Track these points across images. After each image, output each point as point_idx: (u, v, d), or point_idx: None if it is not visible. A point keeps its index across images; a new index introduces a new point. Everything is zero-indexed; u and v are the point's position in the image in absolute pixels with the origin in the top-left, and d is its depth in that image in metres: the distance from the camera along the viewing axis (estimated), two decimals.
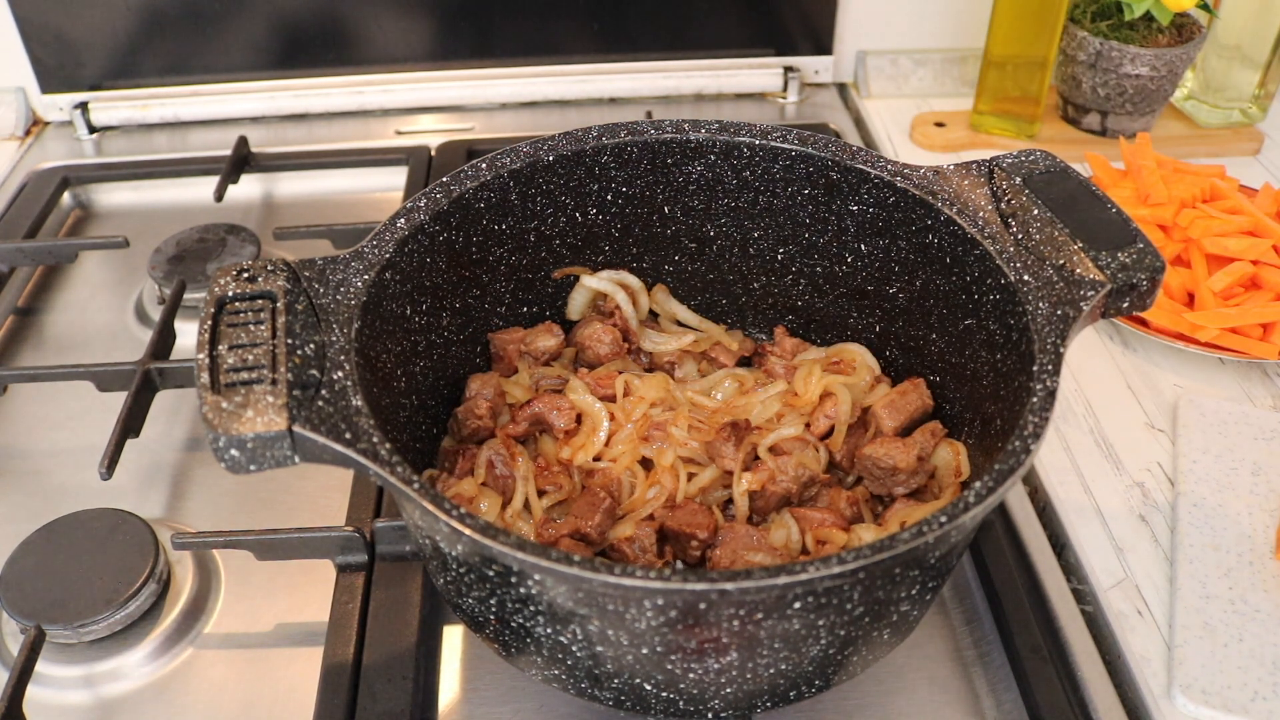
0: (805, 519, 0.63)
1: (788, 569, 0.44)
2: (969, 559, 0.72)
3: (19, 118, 1.19)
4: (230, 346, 0.52)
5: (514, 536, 0.46)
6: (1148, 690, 0.63)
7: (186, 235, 0.98)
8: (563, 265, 0.75)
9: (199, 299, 0.92)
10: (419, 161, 1.10)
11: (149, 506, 0.77)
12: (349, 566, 0.69)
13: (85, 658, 0.66)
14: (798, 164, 0.70)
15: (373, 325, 0.58)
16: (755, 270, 0.76)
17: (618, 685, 0.54)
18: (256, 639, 0.68)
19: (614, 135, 0.70)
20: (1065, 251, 0.59)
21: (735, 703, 0.55)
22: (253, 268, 0.57)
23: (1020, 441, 0.50)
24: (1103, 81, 1.08)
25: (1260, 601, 0.65)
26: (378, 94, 1.21)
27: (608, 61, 1.22)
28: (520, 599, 0.51)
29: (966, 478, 0.63)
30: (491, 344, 0.73)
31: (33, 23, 1.12)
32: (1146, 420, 0.81)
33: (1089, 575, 0.69)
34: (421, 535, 0.56)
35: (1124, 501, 0.74)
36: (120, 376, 0.80)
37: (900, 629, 0.57)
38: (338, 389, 0.51)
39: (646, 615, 0.48)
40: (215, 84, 1.19)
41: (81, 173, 1.11)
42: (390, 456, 0.49)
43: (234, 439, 0.48)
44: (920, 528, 0.46)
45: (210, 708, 0.64)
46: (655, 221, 0.75)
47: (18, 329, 0.95)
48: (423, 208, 0.64)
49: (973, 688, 0.65)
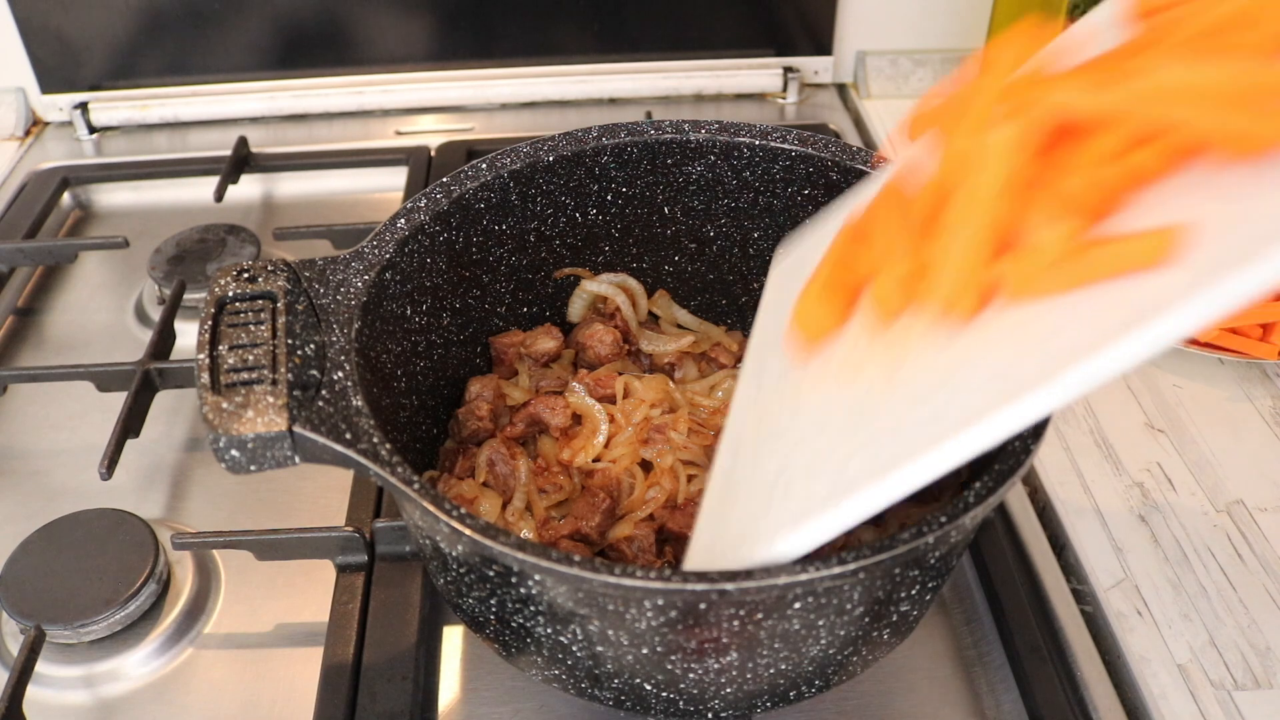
0: None
1: (787, 569, 0.44)
2: (969, 559, 0.72)
3: (19, 118, 1.19)
4: (230, 347, 0.52)
5: (514, 537, 0.46)
6: (1148, 690, 0.63)
7: (186, 235, 0.98)
8: (563, 266, 0.75)
9: (199, 299, 0.92)
10: (419, 162, 1.10)
11: (149, 506, 0.77)
12: (349, 567, 0.69)
13: (85, 658, 0.66)
14: (798, 164, 0.70)
15: (373, 325, 0.58)
16: (755, 270, 0.76)
17: (618, 685, 0.54)
18: (256, 639, 0.68)
19: (614, 135, 0.70)
20: None
21: (735, 703, 0.55)
22: (253, 268, 0.57)
23: (1020, 442, 0.50)
24: None
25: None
26: (378, 94, 1.21)
27: (608, 62, 1.22)
28: (520, 599, 0.51)
29: (966, 479, 0.63)
30: (491, 347, 0.73)
31: (33, 23, 1.12)
32: (1146, 420, 0.81)
33: (1089, 575, 0.69)
34: (422, 536, 0.56)
35: (1124, 501, 0.74)
36: (120, 377, 0.80)
37: (900, 629, 0.57)
38: (338, 389, 0.51)
39: (646, 615, 0.48)
40: (215, 84, 1.19)
41: (81, 173, 1.11)
42: (390, 457, 0.49)
43: (234, 439, 0.49)
44: (920, 528, 0.46)
45: (210, 708, 0.64)
46: (655, 222, 0.75)
47: (18, 329, 0.95)
48: (423, 208, 0.64)
49: (973, 688, 0.65)
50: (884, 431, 0.45)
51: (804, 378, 0.55)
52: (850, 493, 0.44)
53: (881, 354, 0.49)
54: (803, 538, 0.45)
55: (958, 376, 0.44)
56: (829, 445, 0.48)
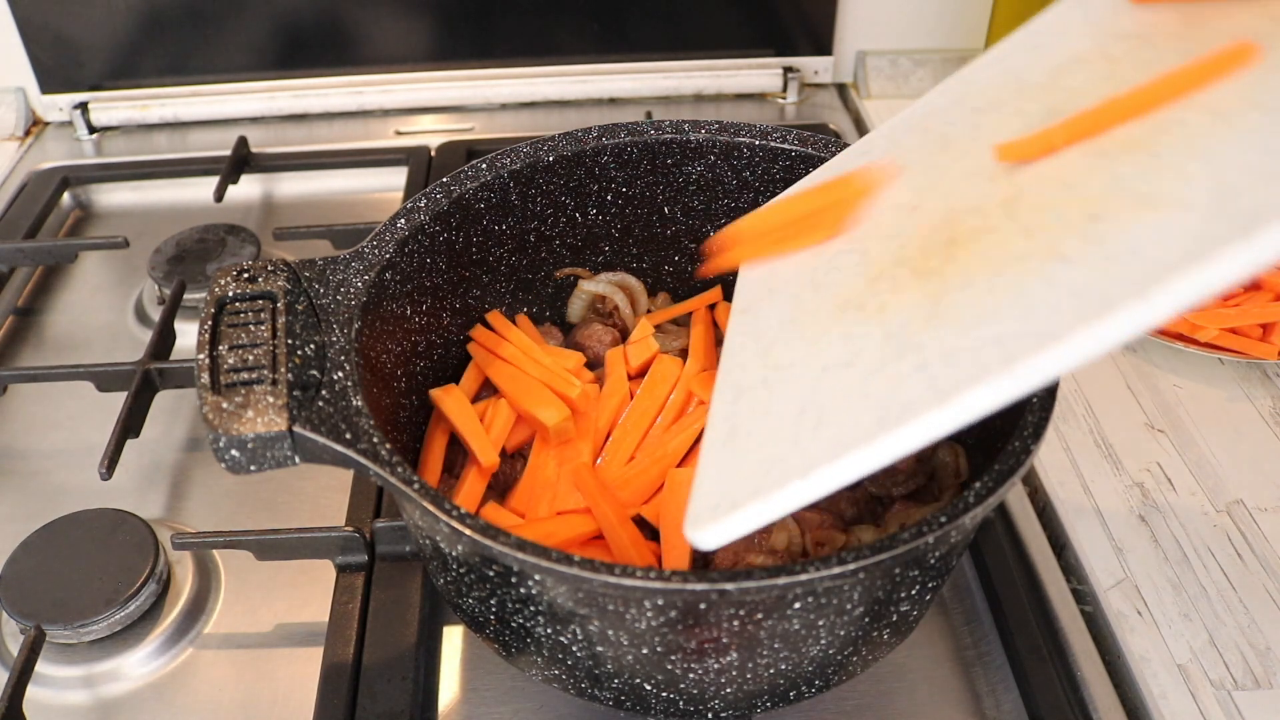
0: (804, 520, 0.63)
1: (787, 569, 0.44)
2: (969, 559, 0.72)
3: (19, 118, 1.19)
4: (230, 347, 0.52)
5: (514, 537, 0.46)
6: (1147, 690, 0.63)
7: (186, 235, 0.98)
8: (563, 265, 0.75)
9: (199, 299, 0.92)
10: (419, 162, 1.10)
11: (149, 506, 0.77)
12: (349, 566, 0.69)
13: (85, 658, 0.66)
14: (798, 164, 0.70)
15: (373, 325, 0.58)
16: None
17: (618, 685, 0.54)
18: (256, 639, 0.68)
19: (614, 135, 0.70)
20: None
21: (735, 703, 0.55)
22: (253, 268, 0.57)
23: (1020, 442, 0.50)
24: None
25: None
26: (377, 94, 1.21)
27: (608, 61, 1.22)
28: (520, 599, 0.51)
29: (966, 479, 0.63)
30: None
31: (33, 23, 1.12)
32: (1146, 420, 0.81)
33: (1089, 575, 0.69)
34: (421, 535, 0.56)
35: (1124, 501, 0.74)
36: (120, 377, 0.80)
37: (900, 629, 0.57)
38: (338, 389, 0.51)
39: (647, 615, 0.48)
40: (215, 84, 1.19)
41: (81, 173, 1.11)
42: (391, 457, 0.49)
43: (234, 439, 0.49)
44: (920, 528, 0.46)
45: (210, 708, 0.64)
46: (655, 222, 0.75)
47: (18, 329, 0.95)
48: (423, 208, 0.64)
49: (973, 688, 0.65)
50: (938, 358, 0.43)
51: (818, 314, 0.53)
52: (905, 420, 0.42)
53: (919, 285, 0.47)
54: (849, 468, 0.43)
55: (1024, 298, 0.42)
56: (863, 377, 0.46)
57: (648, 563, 0.59)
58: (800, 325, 0.54)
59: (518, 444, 0.66)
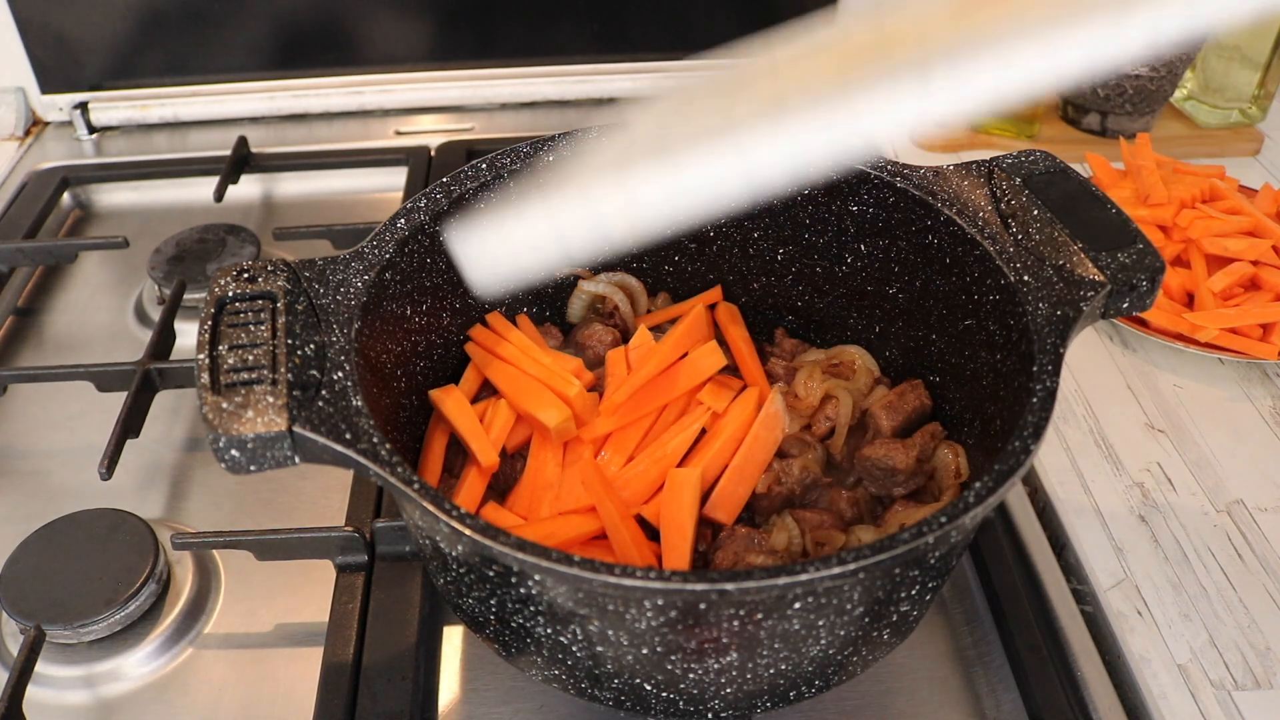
0: (804, 520, 0.63)
1: (787, 569, 0.44)
2: (969, 559, 0.72)
3: (19, 118, 1.19)
4: (230, 347, 0.52)
5: (514, 537, 0.46)
6: (1147, 690, 0.63)
7: (186, 235, 0.98)
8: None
9: (199, 299, 0.92)
10: (419, 162, 1.10)
11: (149, 506, 0.77)
12: (349, 567, 0.69)
13: (85, 658, 0.66)
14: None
15: (373, 325, 0.58)
16: (755, 270, 0.76)
17: (618, 685, 0.54)
18: (256, 639, 0.68)
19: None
20: (1065, 252, 0.59)
21: (735, 703, 0.55)
22: (253, 268, 0.57)
23: (1020, 442, 0.50)
24: (1102, 82, 1.08)
25: None
26: (377, 94, 1.21)
27: (608, 62, 1.22)
28: (520, 599, 0.51)
29: (966, 479, 0.63)
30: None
31: (33, 23, 1.12)
32: (1146, 420, 0.81)
33: (1089, 575, 0.69)
34: (421, 535, 0.56)
35: (1124, 501, 0.74)
36: (120, 377, 0.80)
37: (900, 629, 0.57)
38: (338, 389, 0.51)
39: (647, 615, 0.48)
40: (215, 84, 1.19)
41: (81, 173, 1.12)
42: (390, 457, 0.49)
43: (234, 439, 0.49)
44: (920, 528, 0.46)
45: (210, 708, 0.64)
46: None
47: (18, 329, 0.95)
48: (423, 208, 0.64)
49: (973, 688, 0.65)
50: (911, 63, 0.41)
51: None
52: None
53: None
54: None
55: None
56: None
57: (648, 562, 0.59)
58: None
59: (518, 444, 0.66)
